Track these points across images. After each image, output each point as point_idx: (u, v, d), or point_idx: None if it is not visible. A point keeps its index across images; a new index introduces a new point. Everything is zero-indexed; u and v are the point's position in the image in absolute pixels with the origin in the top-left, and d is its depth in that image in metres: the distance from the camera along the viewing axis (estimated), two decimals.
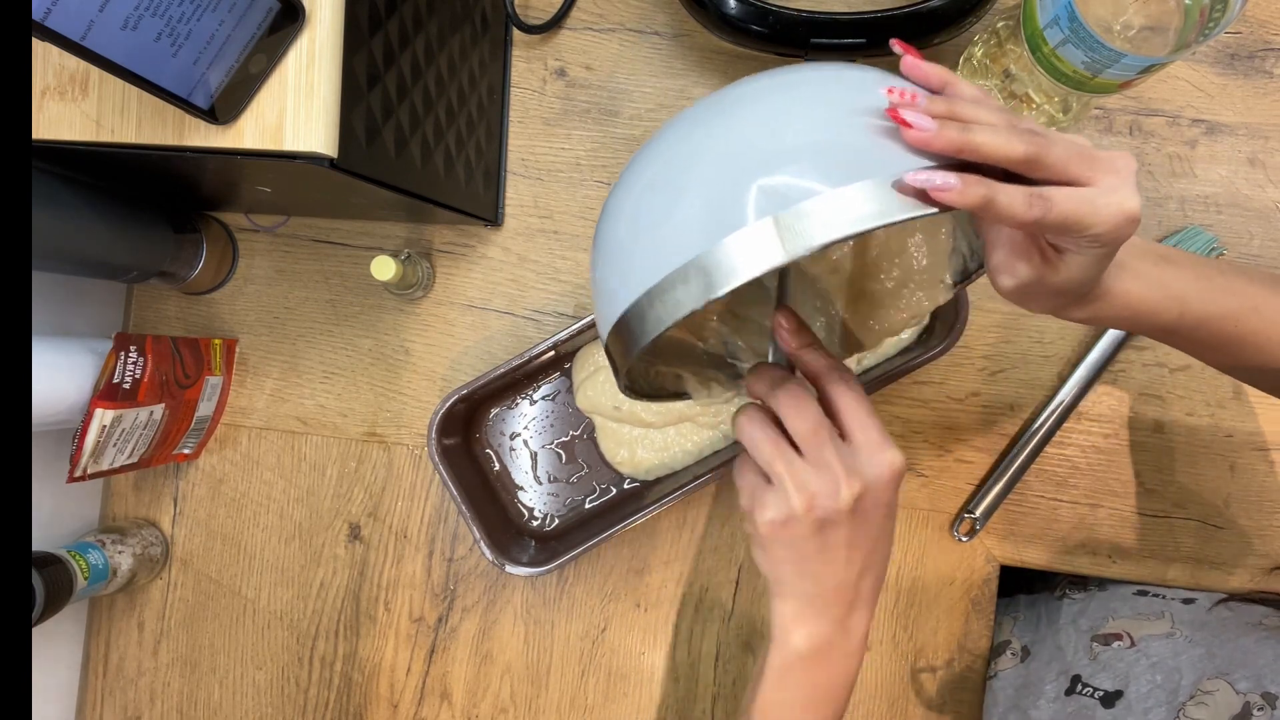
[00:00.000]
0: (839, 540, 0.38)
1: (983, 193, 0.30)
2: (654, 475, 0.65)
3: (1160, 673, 0.51)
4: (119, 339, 0.59)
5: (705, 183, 0.33)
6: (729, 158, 0.33)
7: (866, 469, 0.37)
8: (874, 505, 0.38)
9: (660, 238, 0.34)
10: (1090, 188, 0.32)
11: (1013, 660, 0.63)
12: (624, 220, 0.36)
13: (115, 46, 0.36)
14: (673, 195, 0.34)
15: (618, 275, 0.36)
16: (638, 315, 0.35)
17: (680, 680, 0.67)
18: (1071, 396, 0.63)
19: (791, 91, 0.35)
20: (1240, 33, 0.62)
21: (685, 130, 0.36)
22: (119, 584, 0.65)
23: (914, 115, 0.31)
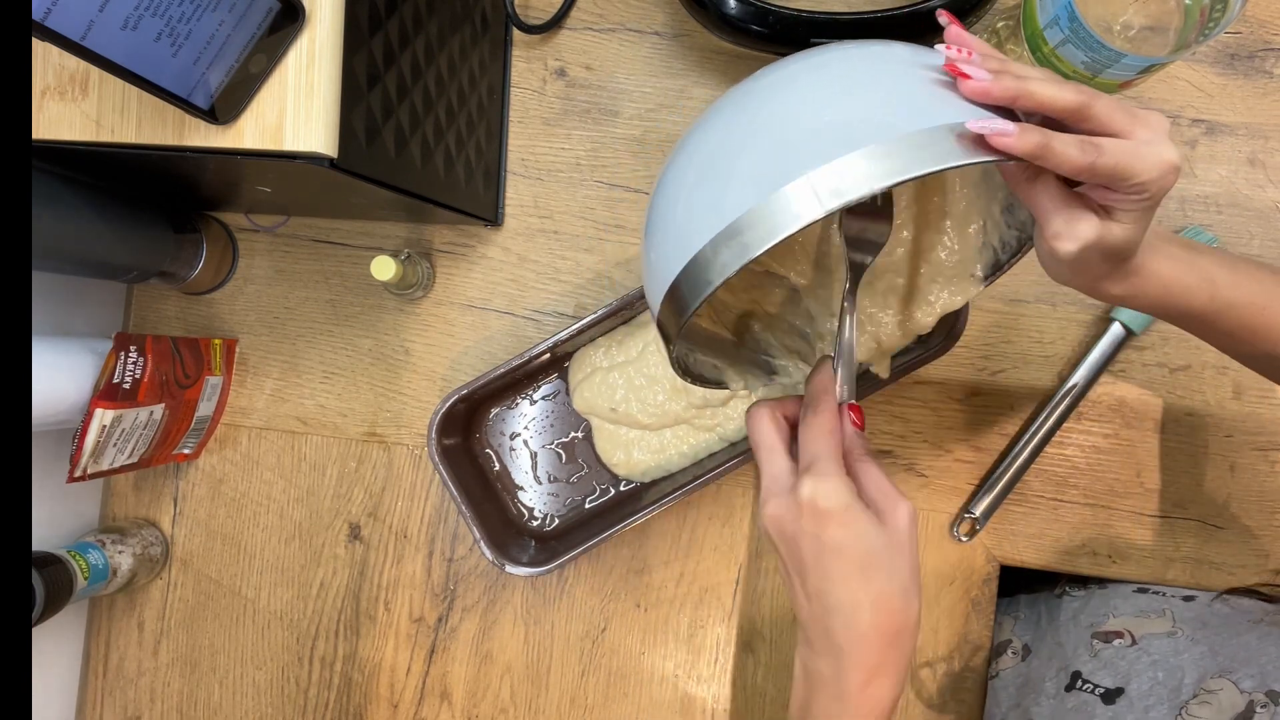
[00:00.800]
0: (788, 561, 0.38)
1: (1038, 139, 0.31)
2: (650, 477, 0.65)
3: (1162, 670, 0.51)
4: (119, 339, 0.59)
5: (760, 151, 0.34)
6: (783, 126, 0.34)
7: (780, 489, 0.37)
8: (796, 528, 0.37)
9: (711, 206, 0.34)
10: (1131, 139, 0.33)
11: (1014, 659, 0.63)
12: (676, 197, 0.37)
13: (115, 46, 0.36)
14: (726, 167, 0.34)
15: (669, 247, 0.36)
16: (687, 281, 0.35)
17: (680, 680, 0.67)
18: (1071, 397, 0.63)
19: (843, 64, 0.36)
20: (1240, 33, 0.62)
21: (738, 105, 0.36)
22: (119, 584, 0.65)
23: (972, 67, 0.32)
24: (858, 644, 0.36)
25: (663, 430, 0.64)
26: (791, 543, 0.37)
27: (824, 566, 0.36)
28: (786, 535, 0.37)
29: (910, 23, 0.55)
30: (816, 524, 0.36)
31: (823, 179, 0.31)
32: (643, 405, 0.63)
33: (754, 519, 0.66)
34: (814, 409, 0.39)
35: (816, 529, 0.36)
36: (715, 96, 0.65)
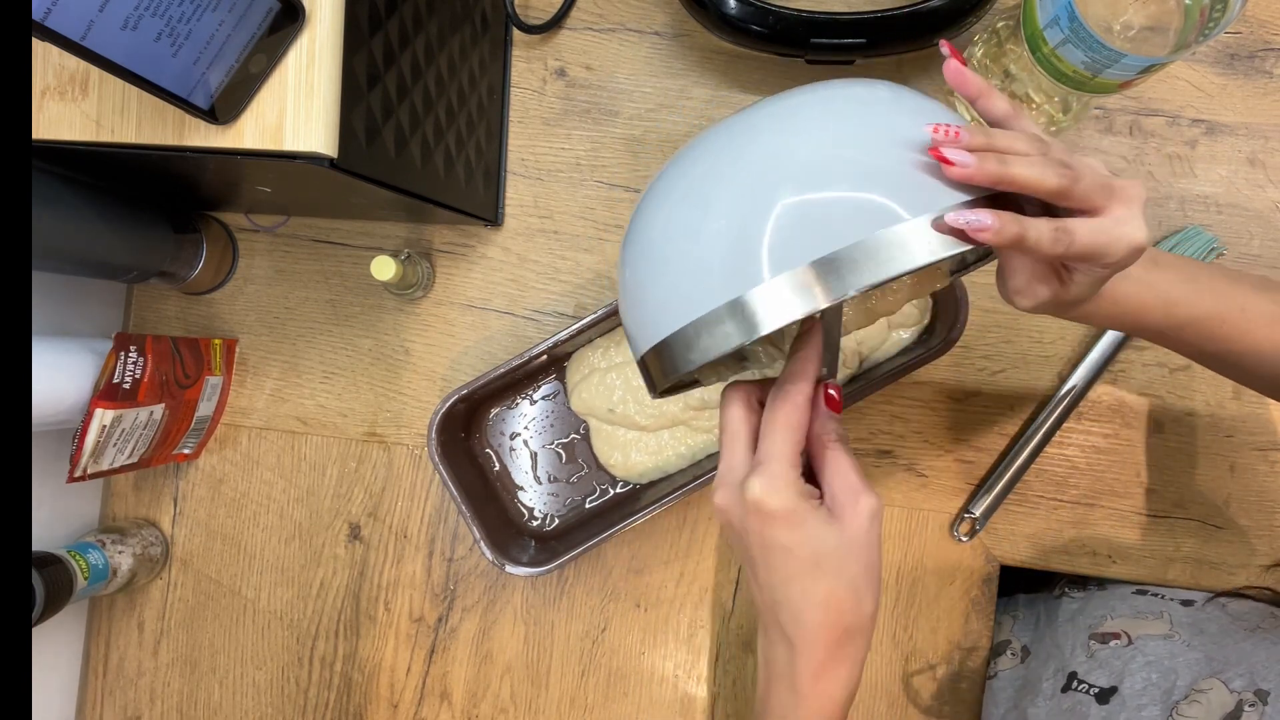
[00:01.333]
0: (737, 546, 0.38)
1: (1016, 231, 0.32)
2: (647, 479, 0.65)
3: (1156, 671, 0.51)
4: (119, 339, 0.59)
5: (746, 210, 0.34)
6: (767, 181, 0.35)
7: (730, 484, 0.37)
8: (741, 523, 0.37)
9: (703, 264, 0.35)
10: (1105, 217, 0.34)
11: (1013, 660, 0.63)
12: (662, 236, 0.38)
13: (115, 46, 0.36)
14: (713, 217, 0.35)
15: (657, 296, 0.37)
16: (682, 343, 0.36)
17: (680, 680, 0.67)
18: (1071, 397, 0.63)
19: (828, 110, 0.36)
20: (1240, 33, 0.62)
21: (723, 144, 0.37)
22: (119, 584, 0.65)
23: (955, 153, 0.32)
24: (807, 639, 0.36)
25: (660, 431, 0.64)
26: (739, 536, 0.37)
27: (770, 563, 0.36)
28: (734, 528, 0.37)
29: (910, 23, 0.55)
30: (761, 523, 0.36)
31: (822, 271, 0.33)
32: (640, 406, 0.63)
33: None
34: (780, 397, 0.37)
35: (761, 527, 0.36)
36: (715, 97, 0.65)
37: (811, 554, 0.36)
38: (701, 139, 0.39)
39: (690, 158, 0.39)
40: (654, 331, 0.38)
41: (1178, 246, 0.61)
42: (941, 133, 0.33)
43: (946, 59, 0.37)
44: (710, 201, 0.36)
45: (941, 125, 0.33)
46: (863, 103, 0.37)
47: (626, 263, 0.41)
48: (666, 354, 0.37)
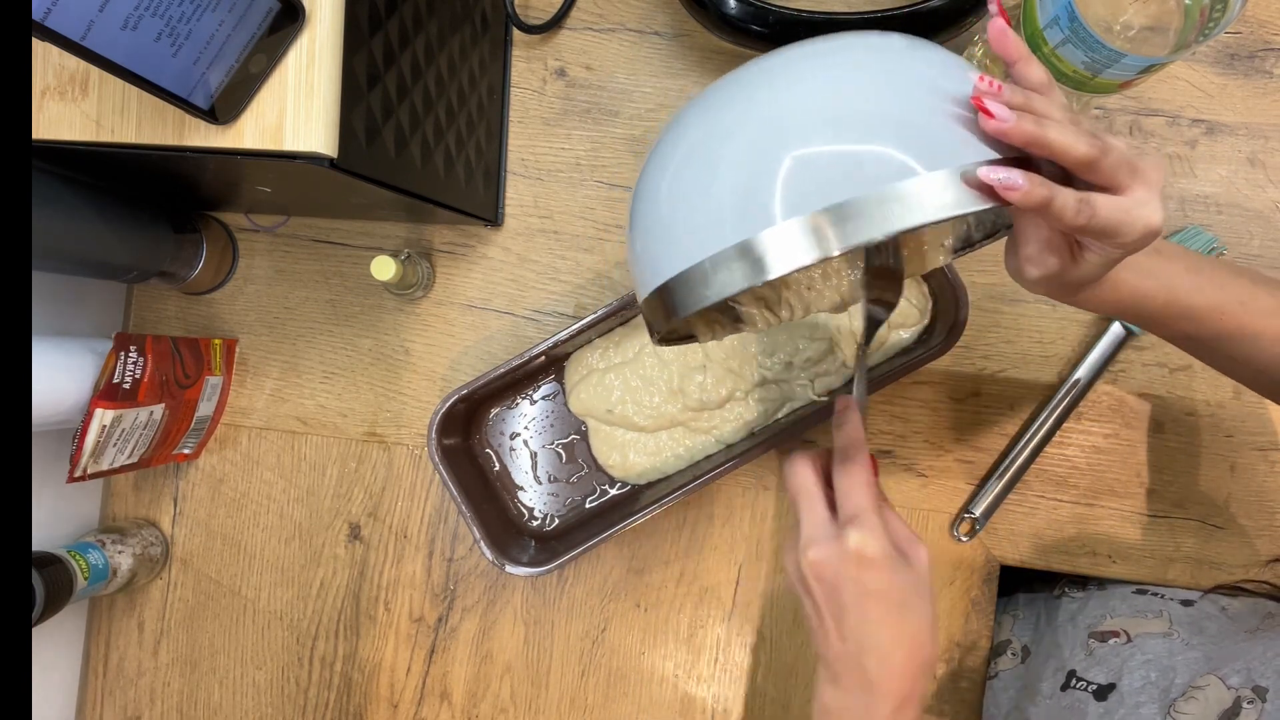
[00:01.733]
0: (820, 602, 0.40)
1: (1044, 194, 0.32)
2: (645, 479, 0.65)
3: (1155, 670, 0.51)
4: (119, 339, 0.59)
5: (761, 150, 0.33)
6: (788, 123, 0.33)
7: (823, 540, 0.40)
8: (837, 576, 0.39)
9: (710, 207, 0.34)
10: (1126, 196, 0.34)
11: (1013, 660, 0.63)
12: (675, 176, 0.36)
13: (115, 46, 0.36)
14: (725, 161, 0.34)
15: (666, 236, 0.36)
16: (687, 283, 0.35)
17: (680, 680, 0.67)
18: (1071, 397, 0.63)
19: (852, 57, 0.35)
20: (1240, 33, 0.62)
21: (738, 91, 0.36)
22: (119, 584, 0.65)
23: (996, 104, 0.32)
24: (891, 678, 0.39)
25: (659, 432, 0.64)
26: (832, 587, 0.39)
27: (864, 609, 0.39)
28: (826, 579, 0.39)
29: (910, 23, 0.55)
30: (860, 570, 0.38)
31: (836, 217, 0.31)
32: (639, 407, 0.63)
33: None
34: (851, 461, 0.41)
35: (859, 574, 0.38)
36: None
37: (900, 596, 0.39)
38: (722, 81, 0.38)
39: (710, 98, 0.37)
40: (661, 269, 0.37)
41: None
42: (986, 83, 0.33)
43: (993, 16, 0.36)
44: (727, 142, 0.35)
45: (986, 77, 0.33)
46: (886, 51, 0.36)
47: (638, 202, 0.39)
48: (669, 295, 0.36)
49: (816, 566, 0.39)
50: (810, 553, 0.40)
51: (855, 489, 0.40)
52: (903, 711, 0.39)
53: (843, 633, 0.39)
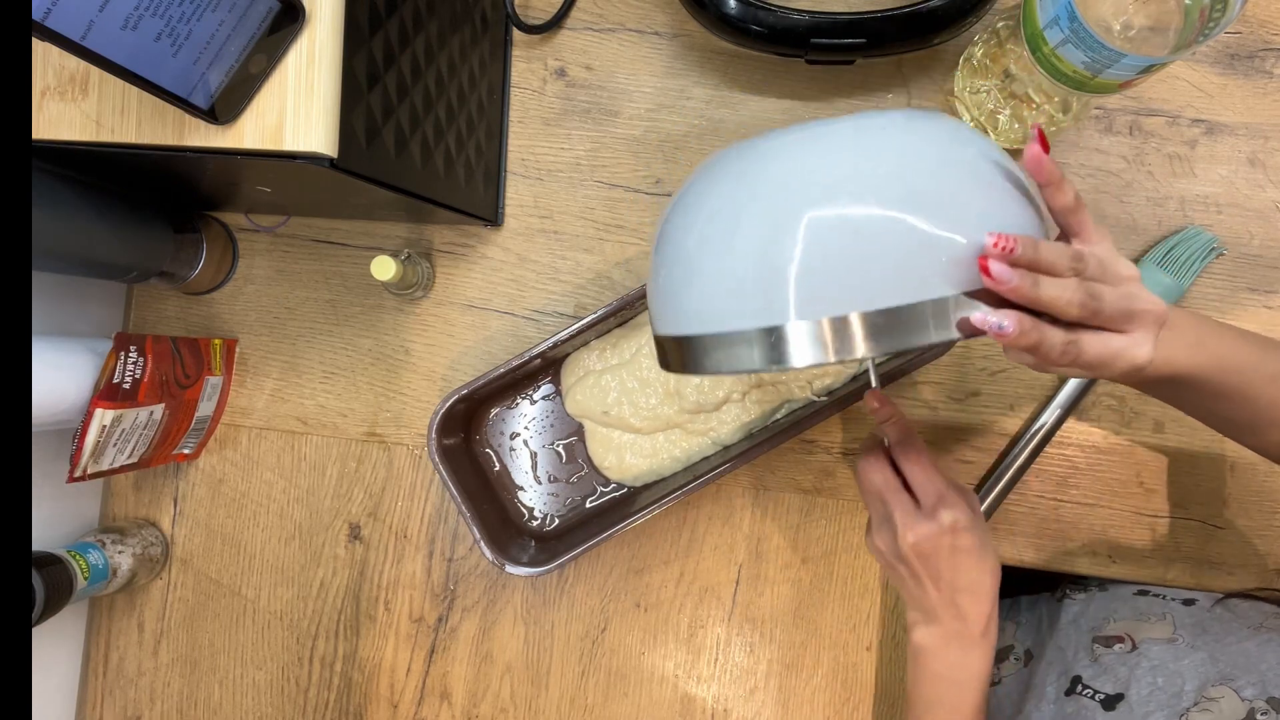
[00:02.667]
0: (917, 572, 0.48)
1: (1033, 339, 0.36)
2: (642, 481, 0.65)
3: (1162, 676, 0.51)
4: (119, 339, 0.59)
5: (793, 238, 0.35)
6: (820, 218, 0.36)
7: (920, 525, 0.47)
8: (935, 549, 0.47)
9: (742, 281, 0.37)
10: (1121, 338, 0.38)
11: (1016, 665, 0.63)
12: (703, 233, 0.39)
13: (115, 46, 0.36)
14: (758, 233, 0.37)
15: (691, 291, 0.39)
16: (706, 346, 0.39)
17: (680, 680, 0.67)
18: (1072, 397, 0.63)
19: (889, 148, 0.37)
20: (1240, 33, 0.62)
21: (785, 157, 0.38)
22: (119, 584, 0.65)
23: (999, 269, 0.35)
24: (980, 605, 0.48)
25: (655, 434, 0.64)
26: (930, 557, 0.47)
27: (957, 565, 0.47)
28: (926, 553, 0.47)
29: (910, 23, 0.55)
30: (953, 538, 0.47)
31: (859, 327, 0.35)
32: (635, 409, 0.63)
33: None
34: (913, 451, 0.49)
35: (953, 541, 0.47)
36: (715, 96, 0.65)
37: (980, 543, 0.48)
38: (758, 146, 0.39)
39: (745, 163, 0.39)
40: (680, 323, 0.40)
41: (1178, 246, 0.61)
42: (999, 246, 0.35)
43: (1031, 142, 0.38)
44: (759, 218, 0.37)
45: (1003, 238, 0.35)
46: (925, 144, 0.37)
47: (663, 245, 0.41)
48: (689, 350, 0.40)
49: (918, 546, 0.47)
50: (910, 536, 0.47)
51: (929, 476, 0.48)
52: (990, 624, 0.49)
53: (939, 585, 0.47)
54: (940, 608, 0.48)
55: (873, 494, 0.50)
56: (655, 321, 0.43)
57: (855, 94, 0.64)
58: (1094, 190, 0.63)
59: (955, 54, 0.62)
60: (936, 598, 0.48)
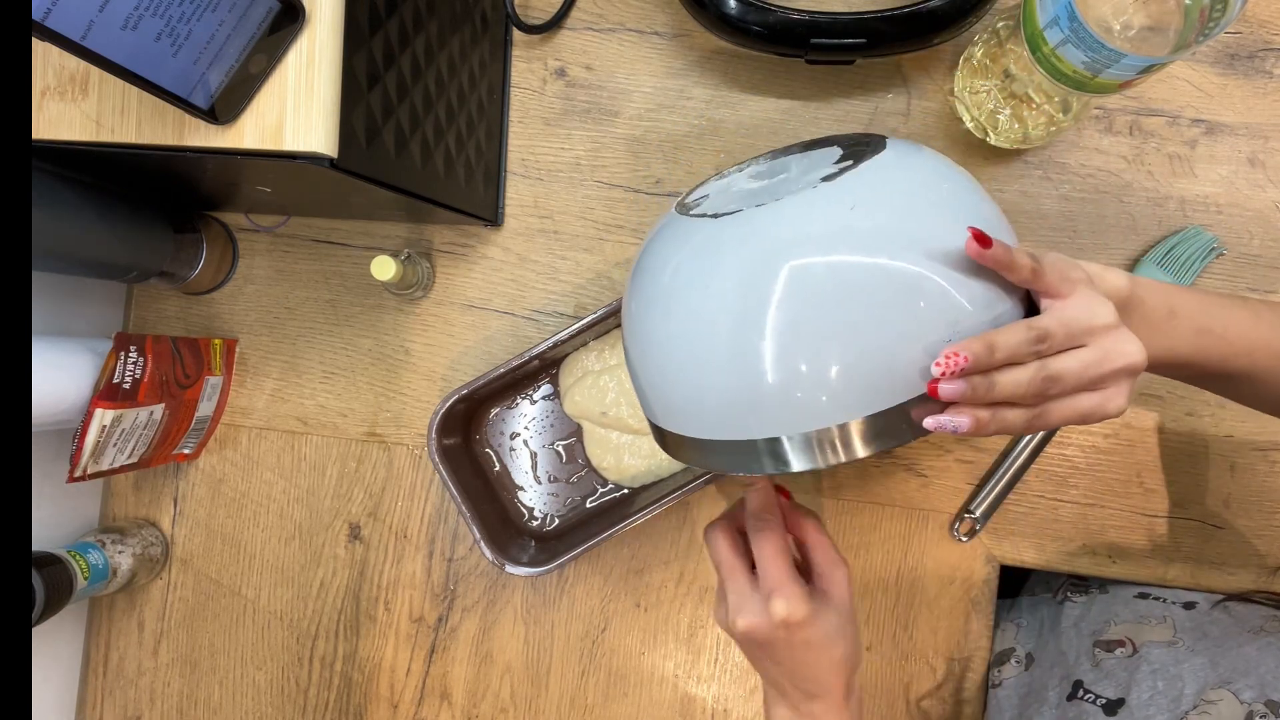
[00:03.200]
0: (757, 654, 0.45)
1: (994, 428, 0.37)
2: (639, 482, 0.65)
3: (1162, 679, 0.51)
4: (119, 339, 0.59)
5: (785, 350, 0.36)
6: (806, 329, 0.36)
7: (750, 611, 0.43)
8: (768, 639, 0.43)
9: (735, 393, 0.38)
10: (1094, 393, 0.37)
11: (1017, 668, 0.63)
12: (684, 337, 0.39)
13: (115, 46, 0.36)
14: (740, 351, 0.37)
15: (680, 394, 0.40)
16: (703, 449, 0.40)
17: (680, 680, 0.67)
18: None
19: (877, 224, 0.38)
20: (1240, 33, 0.62)
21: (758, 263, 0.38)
22: (119, 584, 0.65)
23: (947, 388, 0.35)
24: (832, 693, 0.44)
25: None
26: (766, 648, 0.43)
27: (796, 658, 0.43)
28: (759, 642, 0.43)
29: (910, 23, 0.55)
30: (789, 632, 0.42)
31: (854, 433, 0.37)
32: (633, 409, 0.63)
33: None
34: (764, 529, 0.45)
35: (789, 636, 0.42)
36: (715, 96, 0.65)
37: (826, 636, 0.43)
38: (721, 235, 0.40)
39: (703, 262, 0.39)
40: (673, 422, 0.41)
41: (1178, 246, 0.61)
42: (946, 370, 0.35)
43: (968, 241, 0.37)
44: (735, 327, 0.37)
45: (950, 356, 0.35)
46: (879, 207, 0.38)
47: (639, 337, 0.42)
48: (685, 447, 0.41)
49: (748, 634, 0.43)
50: (740, 622, 0.43)
51: (771, 560, 0.43)
52: (848, 700, 0.45)
53: (780, 671, 0.44)
54: (787, 686, 0.45)
55: (714, 566, 0.47)
56: (646, 409, 0.44)
57: (855, 94, 0.64)
58: (1094, 190, 0.63)
59: (955, 54, 0.62)
60: (779, 679, 0.45)
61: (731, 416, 0.38)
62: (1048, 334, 0.36)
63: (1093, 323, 0.37)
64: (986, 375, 0.36)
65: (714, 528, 0.47)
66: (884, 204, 0.38)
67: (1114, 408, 0.38)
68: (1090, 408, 0.37)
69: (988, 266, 0.37)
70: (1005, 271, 0.37)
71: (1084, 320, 0.37)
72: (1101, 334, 0.37)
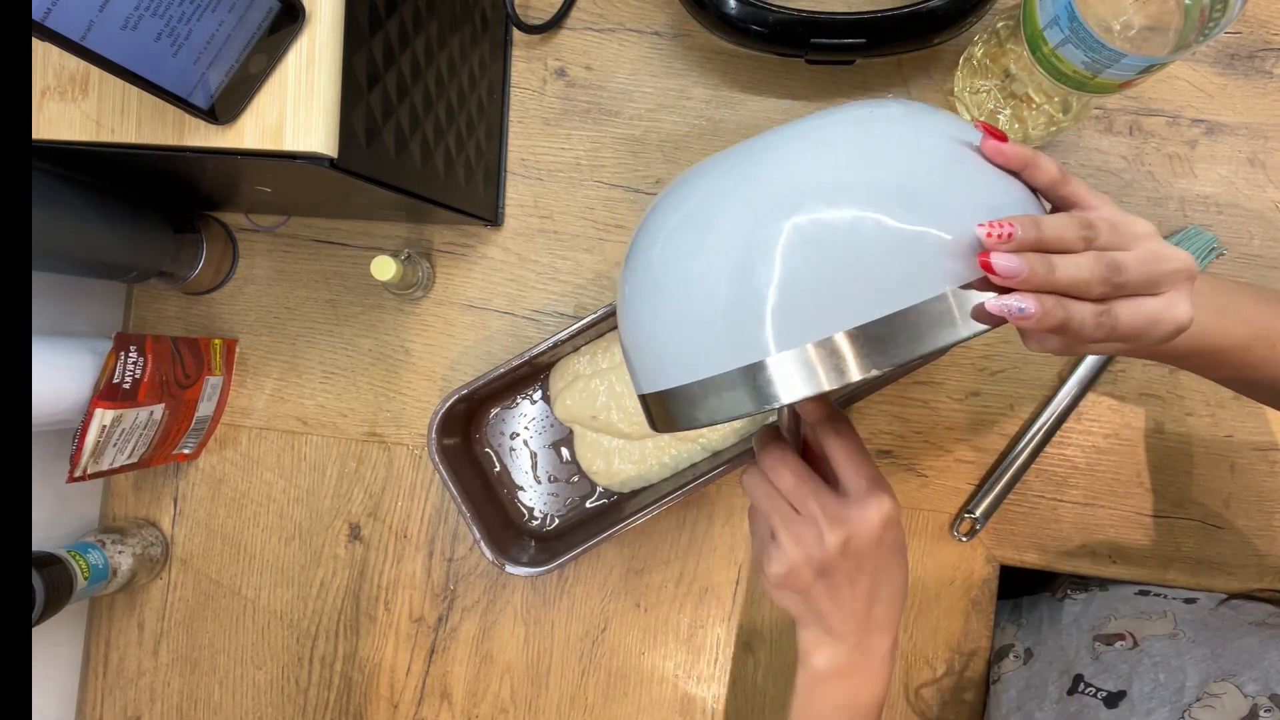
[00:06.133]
0: (839, 580, 0.41)
1: (1060, 317, 0.32)
2: (629, 487, 0.65)
3: (1164, 672, 0.51)
4: (119, 339, 0.59)
5: (763, 264, 0.32)
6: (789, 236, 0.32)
7: (853, 515, 0.40)
8: (868, 544, 0.40)
9: (715, 320, 0.33)
10: (1157, 299, 0.34)
11: (1015, 663, 0.63)
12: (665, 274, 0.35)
13: (115, 46, 0.36)
14: (723, 268, 0.33)
15: (663, 342, 0.35)
16: (689, 398, 0.35)
17: (680, 680, 0.67)
18: (1071, 396, 0.63)
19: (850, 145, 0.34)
20: (1240, 33, 0.62)
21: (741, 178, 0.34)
22: (119, 584, 0.65)
23: (1004, 261, 0.31)
24: (894, 615, 0.42)
25: (644, 440, 0.64)
26: (860, 558, 0.40)
27: (883, 566, 0.41)
28: (857, 552, 0.40)
29: (910, 23, 0.55)
30: (884, 531, 0.40)
31: (846, 346, 0.31)
32: (624, 413, 0.63)
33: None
34: (844, 428, 0.41)
35: (884, 535, 0.40)
36: (715, 96, 0.65)
37: (903, 540, 0.42)
38: (711, 164, 0.36)
39: (700, 184, 0.36)
40: (659, 377, 0.36)
41: (1178, 246, 0.61)
42: (994, 234, 0.31)
43: (984, 139, 0.35)
44: (719, 243, 0.33)
45: (996, 224, 0.31)
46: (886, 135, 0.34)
47: (627, 287, 0.38)
48: (672, 404, 0.36)
49: (852, 543, 0.39)
50: (840, 532, 0.39)
51: (863, 457, 0.41)
52: (893, 650, 0.43)
53: (856, 593, 0.41)
54: (852, 621, 0.41)
55: (777, 498, 0.41)
56: (635, 382, 0.39)
57: (855, 94, 0.64)
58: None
59: (955, 54, 0.62)
60: (850, 608, 0.41)
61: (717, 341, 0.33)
62: (1093, 225, 0.34)
63: (1135, 229, 0.35)
64: (1044, 258, 0.32)
65: (772, 454, 0.42)
66: (893, 114, 0.35)
67: (1182, 313, 0.34)
68: (1156, 310, 0.34)
69: (1009, 165, 0.35)
70: (1029, 170, 0.35)
71: (1125, 224, 0.35)
72: (1145, 239, 0.35)
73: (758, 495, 0.42)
